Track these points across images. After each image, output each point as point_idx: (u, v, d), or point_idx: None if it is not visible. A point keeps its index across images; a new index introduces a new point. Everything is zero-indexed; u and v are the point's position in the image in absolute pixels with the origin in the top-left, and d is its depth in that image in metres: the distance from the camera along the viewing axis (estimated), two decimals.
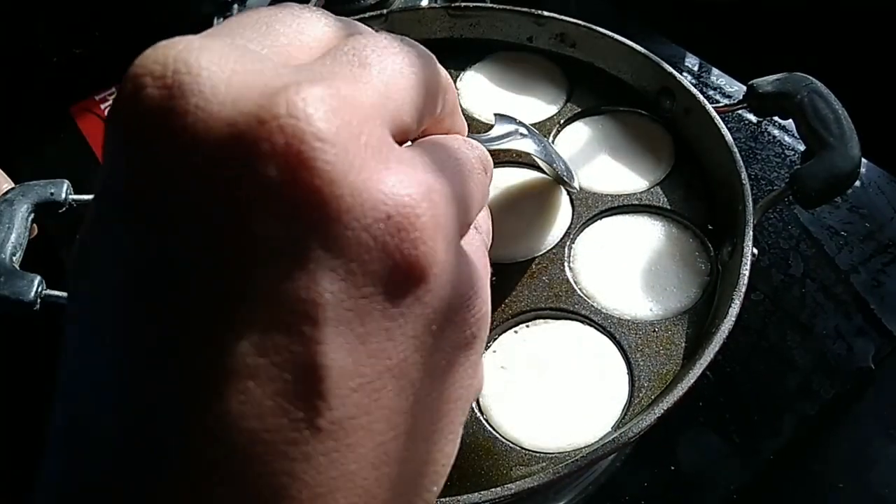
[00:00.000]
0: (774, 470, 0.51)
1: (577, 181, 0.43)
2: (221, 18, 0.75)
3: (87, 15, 0.75)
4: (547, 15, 0.53)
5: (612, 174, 0.46)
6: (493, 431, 0.35)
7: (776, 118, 0.56)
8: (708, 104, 0.45)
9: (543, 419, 0.35)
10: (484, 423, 0.36)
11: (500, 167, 0.46)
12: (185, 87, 0.15)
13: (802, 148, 0.43)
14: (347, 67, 0.18)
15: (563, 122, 0.49)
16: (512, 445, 0.35)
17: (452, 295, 0.18)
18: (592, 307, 0.39)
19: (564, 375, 0.37)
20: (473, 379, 0.20)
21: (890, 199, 0.65)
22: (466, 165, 0.21)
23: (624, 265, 0.41)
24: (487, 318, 0.21)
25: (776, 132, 0.70)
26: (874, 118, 0.50)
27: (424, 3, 0.76)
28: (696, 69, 0.77)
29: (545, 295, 0.40)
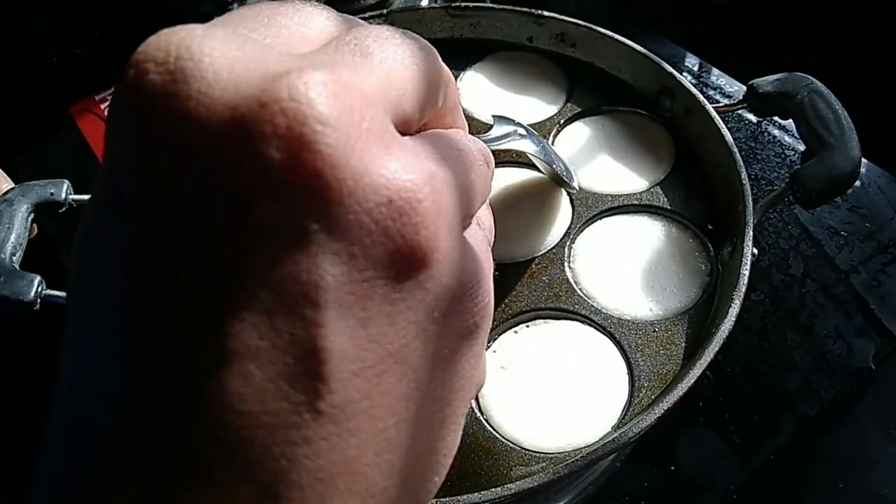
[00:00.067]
0: (774, 470, 0.51)
1: (576, 182, 0.43)
2: None
3: (87, 15, 0.75)
4: (547, 15, 0.52)
5: (612, 174, 0.46)
6: (493, 431, 0.35)
7: (776, 118, 0.56)
8: (708, 104, 0.45)
9: (543, 419, 0.35)
10: (484, 423, 0.36)
11: (500, 167, 0.46)
12: (187, 72, 0.15)
13: (802, 148, 0.43)
14: (350, 56, 0.18)
15: (563, 122, 0.49)
16: (512, 445, 0.35)
17: (455, 282, 0.18)
18: (592, 307, 0.39)
19: (564, 375, 0.37)
20: (476, 370, 0.20)
21: (890, 199, 0.65)
22: (468, 156, 0.21)
23: (624, 265, 0.41)
24: (490, 309, 0.21)
25: (776, 132, 0.70)
26: (874, 118, 0.50)
27: (424, 2, 0.76)
28: (696, 69, 0.77)
29: (545, 295, 0.40)
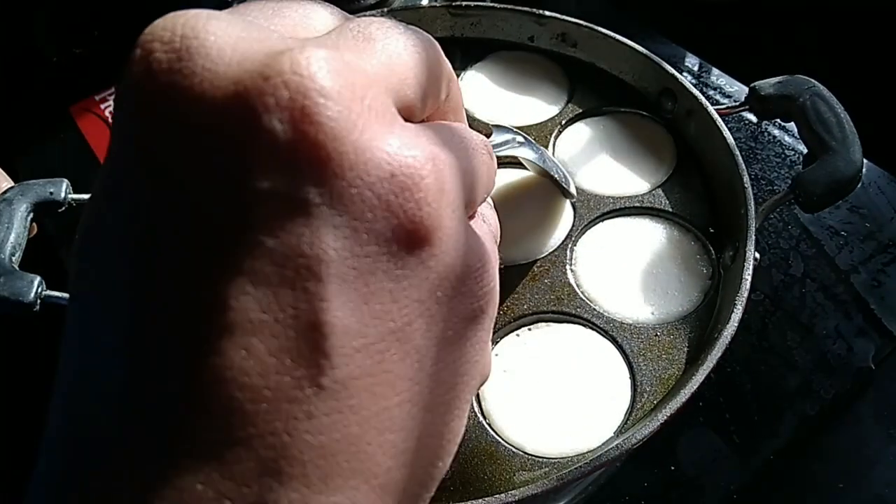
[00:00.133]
0: (774, 470, 0.51)
1: (573, 189, 0.43)
2: None
3: (87, 15, 0.75)
4: (548, 15, 0.52)
5: (613, 176, 0.46)
6: (495, 436, 0.35)
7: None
8: (710, 106, 0.45)
9: (546, 423, 0.35)
10: (486, 427, 0.36)
11: (501, 168, 0.46)
12: (192, 50, 0.15)
13: (803, 148, 0.43)
14: (353, 41, 0.18)
15: (564, 122, 0.49)
16: (514, 450, 0.35)
17: (459, 263, 0.18)
18: (594, 311, 0.39)
19: (566, 379, 0.37)
20: (481, 357, 0.20)
21: (890, 199, 0.65)
22: (471, 143, 0.21)
23: (625, 268, 0.41)
24: (496, 295, 0.21)
25: (776, 132, 0.70)
26: (874, 118, 0.50)
27: (424, 1, 0.76)
28: (696, 69, 0.77)
29: (547, 298, 0.40)
